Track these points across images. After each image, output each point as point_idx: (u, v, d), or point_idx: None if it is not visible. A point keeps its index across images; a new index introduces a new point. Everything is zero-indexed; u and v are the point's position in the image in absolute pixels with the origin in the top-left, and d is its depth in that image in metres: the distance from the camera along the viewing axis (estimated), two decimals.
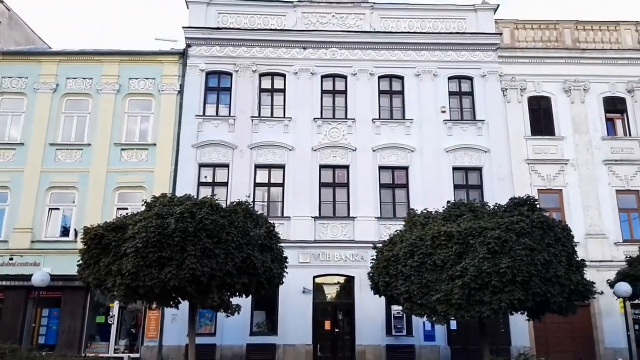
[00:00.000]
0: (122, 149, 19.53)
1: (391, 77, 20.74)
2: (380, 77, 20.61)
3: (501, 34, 20.92)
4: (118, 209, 18.66)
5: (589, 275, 14.08)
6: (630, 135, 20.44)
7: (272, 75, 20.67)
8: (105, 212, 18.48)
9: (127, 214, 14.21)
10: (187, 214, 12.24)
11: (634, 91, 20.59)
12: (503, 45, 20.86)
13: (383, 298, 15.08)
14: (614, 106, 20.77)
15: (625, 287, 14.99)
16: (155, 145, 19.58)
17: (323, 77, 20.57)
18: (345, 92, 20.50)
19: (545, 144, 20.08)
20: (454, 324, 17.31)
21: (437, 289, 12.60)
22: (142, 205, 13.76)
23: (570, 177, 19.68)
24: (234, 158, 19.47)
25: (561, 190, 19.61)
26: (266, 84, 20.63)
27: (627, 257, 16.81)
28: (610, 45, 21.12)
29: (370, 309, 17.65)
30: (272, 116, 20.19)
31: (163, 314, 17.56)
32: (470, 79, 20.68)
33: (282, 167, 19.56)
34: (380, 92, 20.55)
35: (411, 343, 17.82)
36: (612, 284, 15.78)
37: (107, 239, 12.77)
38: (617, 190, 19.69)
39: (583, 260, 13.88)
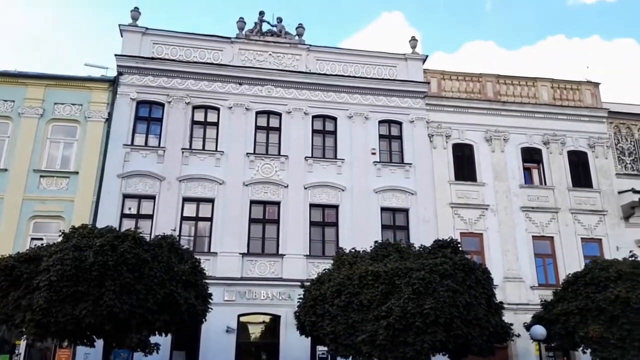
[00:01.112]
0: (41, 176, 18.49)
1: (324, 117, 21.17)
2: (314, 117, 20.99)
3: (429, 83, 22.01)
4: (32, 239, 17.49)
5: (507, 317, 14.61)
6: (545, 184, 21.82)
7: (206, 108, 20.52)
8: (18, 241, 17.26)
9: (42, 244, 13.36)
10: (107, 246, 11.65)
11: (549, 143, 22.13)
12: (430, 93, 21.93)
13: (309, 338, 14.90)
14: (531, 156, 22.18)
15: (540, 330, 15.62)
16: (77, 173, 18.71)
17: (257, 112, 20.66)
18: (279, 129, 20.65)
19: (468, 189, 21.03)
20: None
21: (363, 329, 12.62)
22: (59, 235, 12.97)
23: (490, 222, 20.64)
24: (161, 190, 18.92)
25: (482, 233, 20.48)
26: (199, 116, 20.43)
27: (542, 301, 17.57)
28: (528, 100, 22.72)
29: (295, 349, 17.35)
30: (203, 149, 19.92)
31: (74, 352, 16.38)
32: (400, 123, 21.48)
33: (212, 200, 19.22)
34: (314, 131, 20.88)
35: None
36: (528, 327, 16.42)
37: (19, 271, 11.86)
38: (533, 236, 20.80)
39: (501, 303, 14.44)
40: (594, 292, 14.65)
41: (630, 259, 15.73)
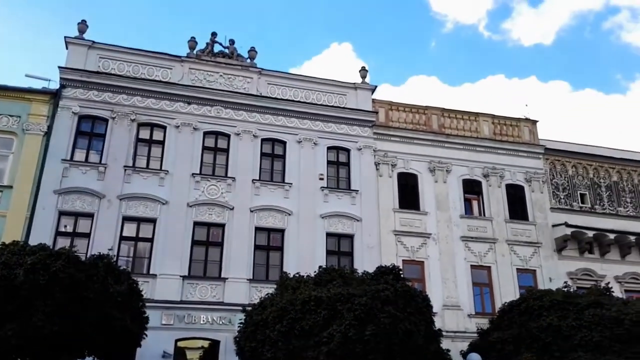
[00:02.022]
0: None
1: (274, 141, 21.19)
2: (263, 140, 20.96)
3: (377, 112, 22.53)
4: None
5: (445, 344, 14.84)
6: (484, 215, 22.58)
7: (152, 125, 20.11)
8: None
9: None
10: (39, 265, 11.07)
11: (489, 176, 23.00)
12: (378, 122, 22.43)
13: None
14: (472, 188, 22.94)
15: (475, 358, 15.96)
16: (11, 187, 17.79)
17: (205, 133, 20.43)
18: (227, 151, 20.48)
19: (411, 217, 21.47)
20: None
21: (304, 356, 12.49)
22: None
23: (431, 250, 21.08)
24: (100, 208, 18.25)
25: (423, 261, 20.87)
26: (144, 134, 19.99)
27: (478, 329, 18.01)
28: (470, 133, 23.61)
29: None
30: (147, 167, 19.44)
31: None
32: (348, 150, 21.80)
33: (153, 220, 18.70)
34: (262, 154, 20.83)
35: None
36: (464, 355, 16.74)
37: None
38: (471, 265, 21.38)
39: (440, 330, 14.68)
40: (528, 321, 15.15)
41: (563, 289, 16.44)
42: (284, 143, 21.19)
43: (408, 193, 21.87)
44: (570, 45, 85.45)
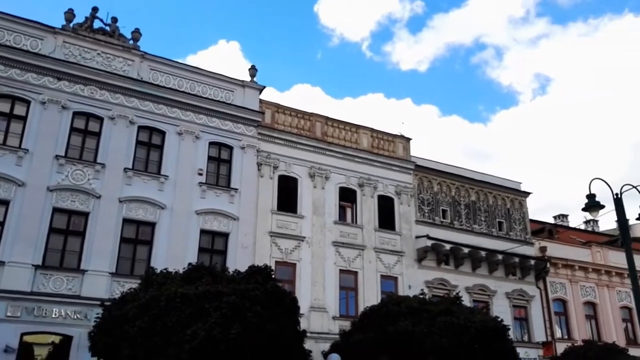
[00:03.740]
0: None
1: (152, 130, 20.23)
2: (140, 127, 19.91)
3: (263, 113, 22.51)
4: None
5: (309, 345, 15.21)
6: (356, 222, 23.51)
7: (14, 98, 18.20)
8: None
9: None
10: None
11: (364, 186, 24.00)
12: (264, 123, 22.41)
13: None
14: (347, 196, 23.79)
15: (335, 358, 16.55)
16: None
17: (75, 113, 18.93)
18: (98, 134, 19.14)
19: (288, 219, 21.72)
20: None
21: (165, 354, 12.01)
22: None
23: (304, 253, 21.48)
24: None
25: (295, 263, 21.20)
26: (3, 107, 18.03)
27: (341, 331, 18.72)
28: (350, 144, 24.48)
29: None
30: (3, 144, 17.54)
31: None
32: (230, 147, 21.48)
33: (6, 202, 16.92)
34: (138, 142, 19.77)
35: None
36: (325, 355, 17.28)
37: None
38: (340, 270, 22.14)
39: (305, 331, 14.98)
40: (386, 325, 16.00)
41: (420, 296, 17.63)
42: (163, 133, 20.31)
43: (287, 196, 22.09)
44: (442, 74, 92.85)
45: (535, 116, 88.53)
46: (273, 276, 14.66)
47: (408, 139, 26.18)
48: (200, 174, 20.36)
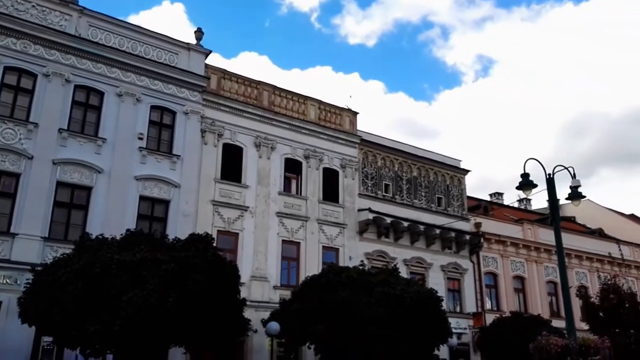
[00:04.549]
0: None
1: (90, 89, 19.26)
2: (77, 86, 18.92)
3: (209, 78, 21.89)
4: None
5: (249, 314, 15.28)
6: (301, 194, 23.56)
7: None
8: None
9: None
10: None
11: (309, 158, 24.00)
12: (209, 89, 21.83)
13: (32, 327, 13.23)
14: (292, 167, 23.73)
15: (274, 326, 16.72)
16: None
17: (6, 68, 17.74)
18: (31, 92, 18.06)
19: (232, 189, 21.46)
20: (110, 358, 16.25)
21: (97, 320, 11.71)
22: None
23: (247, 223, 21.36)
24: None
25: (238, 233, 21.07)
26: None
27: (281, 300, 18.90)
28: (298, 115, 24.29)
29: (15, 339, 15.16)
30: None
31: None
32: (173, 112, 20.83)
33: None
34: (74, 102, 18.82)
35: None
36: (264, 323, 17.43)
37: None
38: (283, 240, 22.22)
39: (244, 300, 15.01)
40: (326, 295, 16.26)
41: (360, 267, 17.98)
42: (101, 94, 19.39)
43: (231, 165, 21.78)
44: (389, 50, 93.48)
45: (477, 97, 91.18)
46: (214, 244, 14.53)
47: (355, 113, 26.29)
48: (141, 139, 19.67)
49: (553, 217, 14.20)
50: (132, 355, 12.77)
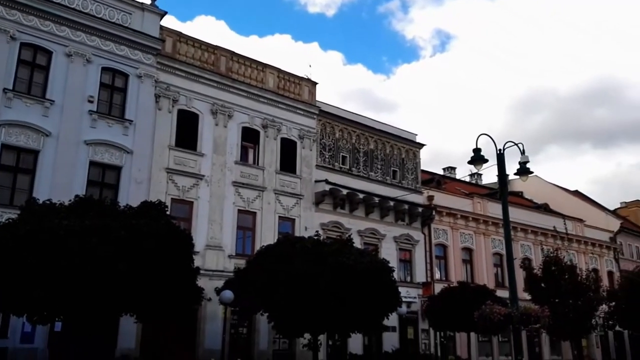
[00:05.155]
0: None
1: (37, 48, 18.34)
2: (23, 44, 17.97)
3: (164, 41, 21.17)
4: None
5: (203, 282, 15.23)
6: (257, 164, 23.38)
7: None
8: None
9: None
10: None
11: (267, 127, 23.76)
12: (164, 52, 21.14)
13: None
14: (250, 136, 23.45)
15: (228, 294, 16.75)
16: None
17: None
18: None
19: (187, 157, 21.08)
20: (59, 325, 15.94)
21: (43, 287, 11.43)
22: None
23: (202, 192, 21.11)
24: None
25: (193, 202, 20.81)
26: None
27: (236, 269, 18.91)
28: (256, 83, 23.90)
29: None
30: None
31: None
32: (126, 75, 20.12)
33: None
34: (20, 61, 17.90)
35: (4, 345, 15.55)
36: (218, 291, 17.44)
37: None
38: (239, 210, 22.10)
39: (198, 268, 14.94)
40: (280, 264, 16.35)
41: (314, 237, 18.12)
42: (49, 53, 18.49)
43: (186, 132, 21.33)
44: (349, 21, 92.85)
45: (434, 72, 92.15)
46: (168, 213, 14.32)
47: (314, 83, 26.11)
48: (91, 101, 18.95)
49: (501, 191, 14.66)
50: (81, 322, 12.58)
